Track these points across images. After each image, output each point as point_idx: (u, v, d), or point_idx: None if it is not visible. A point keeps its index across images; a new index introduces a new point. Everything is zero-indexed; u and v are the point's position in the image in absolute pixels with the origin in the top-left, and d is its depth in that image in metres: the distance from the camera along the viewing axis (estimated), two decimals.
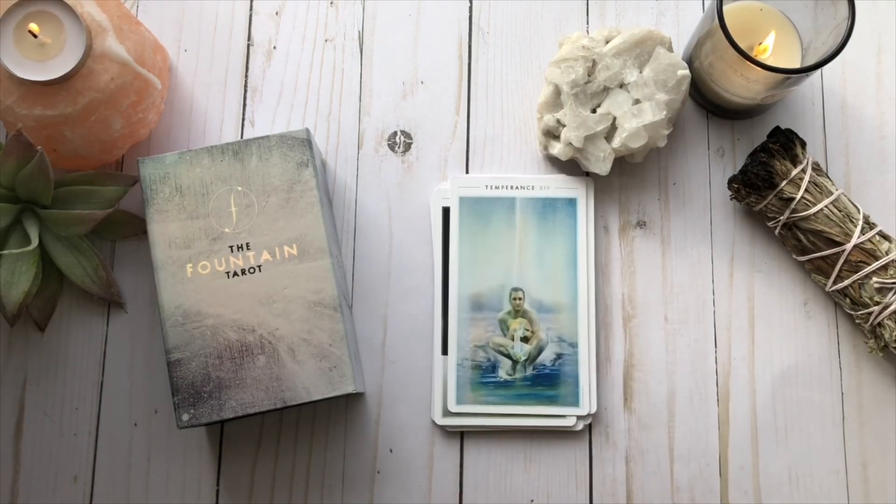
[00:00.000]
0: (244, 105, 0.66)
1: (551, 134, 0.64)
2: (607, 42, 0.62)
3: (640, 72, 0.62)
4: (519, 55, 0.67)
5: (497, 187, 0.64)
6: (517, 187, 0.64)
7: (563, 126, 0.62)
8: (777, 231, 0.62)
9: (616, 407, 0.62)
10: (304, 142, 0.58)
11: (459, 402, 0.61)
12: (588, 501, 0.61)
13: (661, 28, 0.67)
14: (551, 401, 0.61)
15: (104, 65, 0.57)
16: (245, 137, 0.66)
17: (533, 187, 0.64)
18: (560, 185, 0.64)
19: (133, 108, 0.59)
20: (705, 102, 0.65)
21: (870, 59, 0.67)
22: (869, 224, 0.60)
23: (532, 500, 0.61)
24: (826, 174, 0.62)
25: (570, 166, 0.65)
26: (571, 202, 0.63)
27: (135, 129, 0.61)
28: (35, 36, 0.56)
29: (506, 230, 0.63)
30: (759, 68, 0.56)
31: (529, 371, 0.61)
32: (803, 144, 0.62)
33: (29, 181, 0.59)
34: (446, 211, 0.64)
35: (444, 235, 0.64)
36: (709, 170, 0.65)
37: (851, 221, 0.60)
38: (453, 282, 0.62)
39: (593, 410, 0.61)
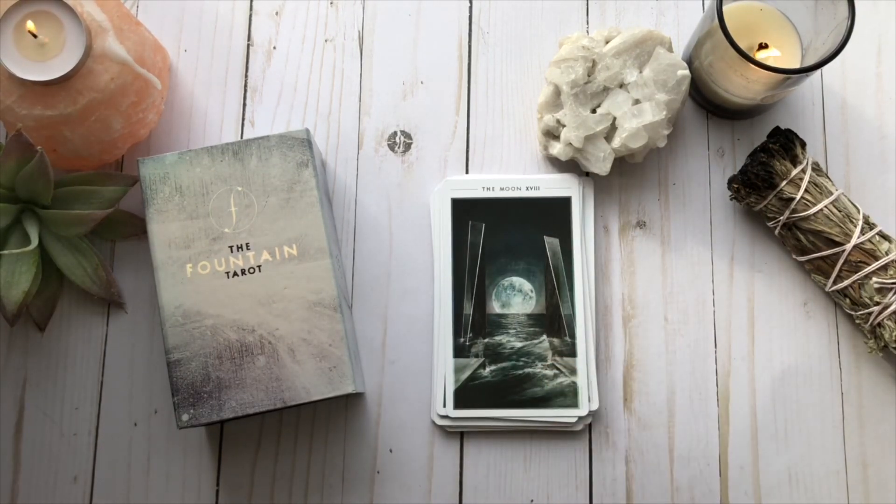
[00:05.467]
0: (244, 105, 0.66)
1: (551, 134, 0.64)
2: (607, 42, 0.62)
3: (640, 72, 0.62)
4: (519, 55, 0.67)
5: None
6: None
7: (563, 126, 0.62)
8: (777, 231, 0.62)
9: (616, 407, 0.62)
10: (304, 142, 0.58)
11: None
12: (588, 501, 0.61)
13: (661, 28, 0.67)
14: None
15: (104, 65, 0.57)
16: (245, 137, 0.66)
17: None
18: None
19: (133, 109, 0.59)
20: (705, 102, 0.65)
21: (870, 59, 0.67)
22: (869, 224, 0.60)
23: (532, 500, 0.61)
24: (826, 174, 0.62)
25: (571, 166, 0.65)
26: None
27: (135, 129, 0.61)
28: (35, 36, 0.56)
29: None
30: (759, 68, 0.56)
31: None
32: (803, 144, 0.62)
33: (29, 181, 0.59)
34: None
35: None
36: (709, 170, 0.65)
37: (851, 221, 0.60)
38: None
39: (594, 408, 0.61)
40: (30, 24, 0.56)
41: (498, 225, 0.63)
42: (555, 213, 0.63)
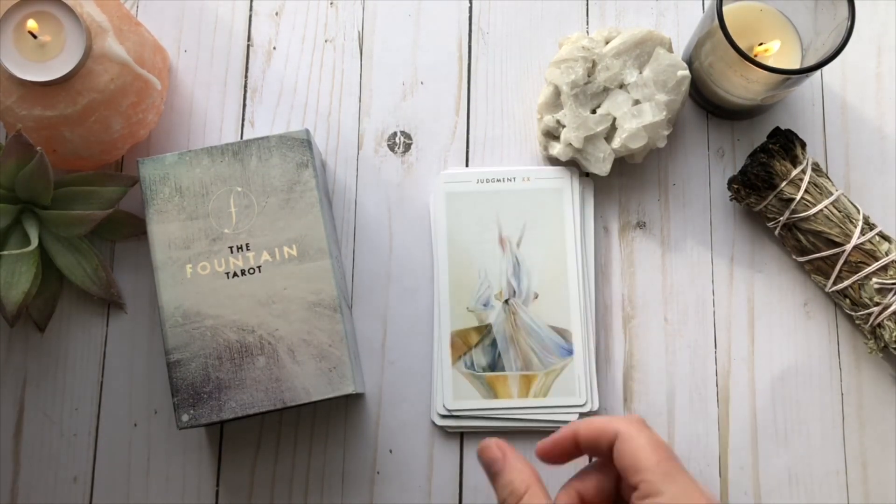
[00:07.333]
0: (244, 105, 0.66)
1: (551, 134, 0.63)
2: (607, 43, 0.62)
3: (640, 72, 0.62)
4: (519, 55, 0.67)
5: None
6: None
7: (563, 127, 0.62)
8: (777, 231, 0.62)
9: (616, 407, 0.62)
10: (304, 142, 0.58)
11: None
12: None
13: (661, 28, 0.67)
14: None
15: (104, 65, 0.57)
16: (245, 138, 0.66)
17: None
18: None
19: (133, 109, 0.59)
20: (705, 103, 0.65)
21: (870, 59, 0.67)
22: (869, 224, 0.60)
23: None
24: (826, 175, 0.62)
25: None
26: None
27: (134, 129, 0.61)
28: (35, 36, 0.56)
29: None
30: (759, 69, 0.56)
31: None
32: (803, 145, 0.62)
33: (29, 181, 0.59)
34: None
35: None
36: (709, 170, 0.65)
37: (851, 222, 0.60)
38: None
39: (594, 408, 0.61)
40: (31, 24, 0.56)
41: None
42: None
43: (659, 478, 0.44)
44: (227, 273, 0.56)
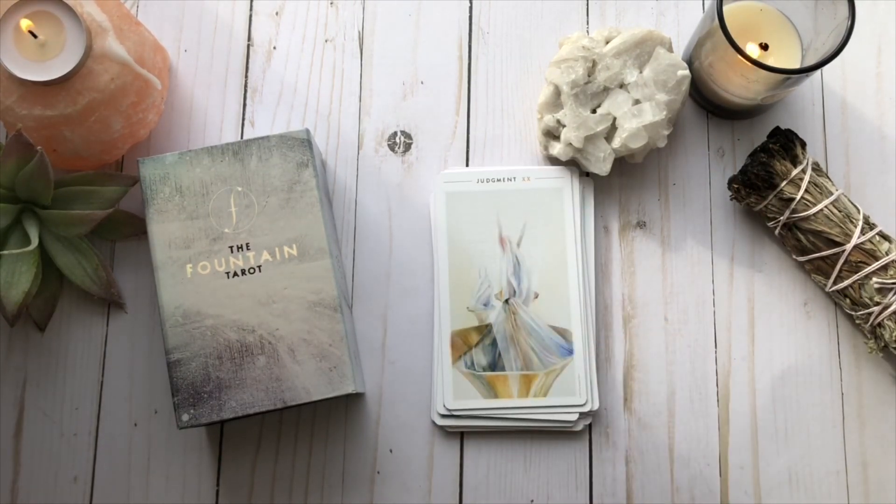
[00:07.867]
0: (244, 105, 0.66)
1: (551, 134, 0.64)
2: (607, 42, 0.62)
3: (641, 72, 0.62)
4: (519, 55, 0.67)
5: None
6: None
7: (563, 126, 0.62)
8: (777, 231, 0.62)
9: (616, 407, 0.62)
10: (304, 142, 0.58)
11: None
12: (588, 501, 0.61)
13: (661, 28, 0.67)
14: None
15: (104, 65, 0.57)
16: (245, 138, 0.66)
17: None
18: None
19: (133, 109, 0.59)
20: (705, 102, 0.65)
21: (870, 59, 0.67)
22: (869, 224, 0.60)
23: (532, 500, 0.61)
24: (826, 174, 0.62)
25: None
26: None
27: (135, 129, 0.61)
28: (35, 36, 0.56)
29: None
30: (759, 68, 0.56)
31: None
32: (803, 145, 0.62)
33: (29, 181, 0.59)
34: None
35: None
36: (709, 170, 0.65)
37: (851, 222, 0.60)
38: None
39: (594, 408, 0.61)
40: (24, 23, 0.56)
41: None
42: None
43: None
44: (228, 273, 0.56)
